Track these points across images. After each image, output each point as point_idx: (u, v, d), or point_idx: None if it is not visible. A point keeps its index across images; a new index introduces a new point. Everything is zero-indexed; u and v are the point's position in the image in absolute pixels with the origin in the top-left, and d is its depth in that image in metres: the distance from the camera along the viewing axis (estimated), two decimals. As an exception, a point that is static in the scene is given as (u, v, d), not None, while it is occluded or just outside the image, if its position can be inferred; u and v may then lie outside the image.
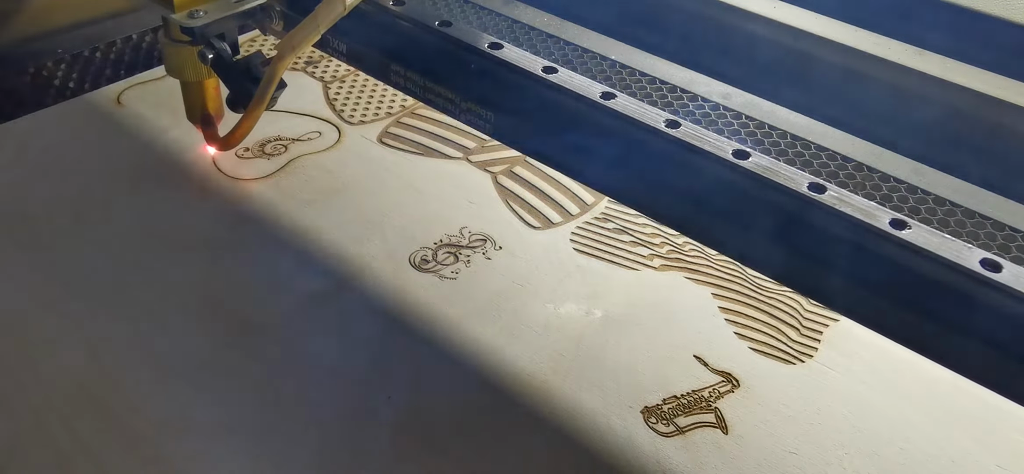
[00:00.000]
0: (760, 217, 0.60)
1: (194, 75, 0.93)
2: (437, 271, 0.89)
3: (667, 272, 0.90)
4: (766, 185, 0.60)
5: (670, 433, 0.74)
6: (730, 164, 0.61)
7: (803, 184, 0.59)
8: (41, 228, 0.92)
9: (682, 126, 0.64)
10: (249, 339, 0.80)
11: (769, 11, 0.78)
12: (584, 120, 0.68)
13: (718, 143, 0.62)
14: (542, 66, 0.71)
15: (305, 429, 0.73)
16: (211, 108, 0.96)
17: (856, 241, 0.56)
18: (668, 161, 0.64)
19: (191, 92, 0.96)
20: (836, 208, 0.57)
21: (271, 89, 0.84)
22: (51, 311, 0.83)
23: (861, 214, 0.56)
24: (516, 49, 0.73)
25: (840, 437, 0.74)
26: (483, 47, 0.73)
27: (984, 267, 0.52)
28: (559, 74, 0.70)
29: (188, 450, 0.71)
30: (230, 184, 0.99)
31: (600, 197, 0.98)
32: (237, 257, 0.89)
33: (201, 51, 0.89)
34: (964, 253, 0.53)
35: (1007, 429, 0.75)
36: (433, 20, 0.77)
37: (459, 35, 0.75)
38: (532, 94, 0.71)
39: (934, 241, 0.54)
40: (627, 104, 0.66)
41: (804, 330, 0.83)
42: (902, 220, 0.56)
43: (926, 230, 0.55)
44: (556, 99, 0.69)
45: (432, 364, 0.79)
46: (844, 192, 0.58)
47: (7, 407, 0.74)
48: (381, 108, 1.12)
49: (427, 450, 0.72)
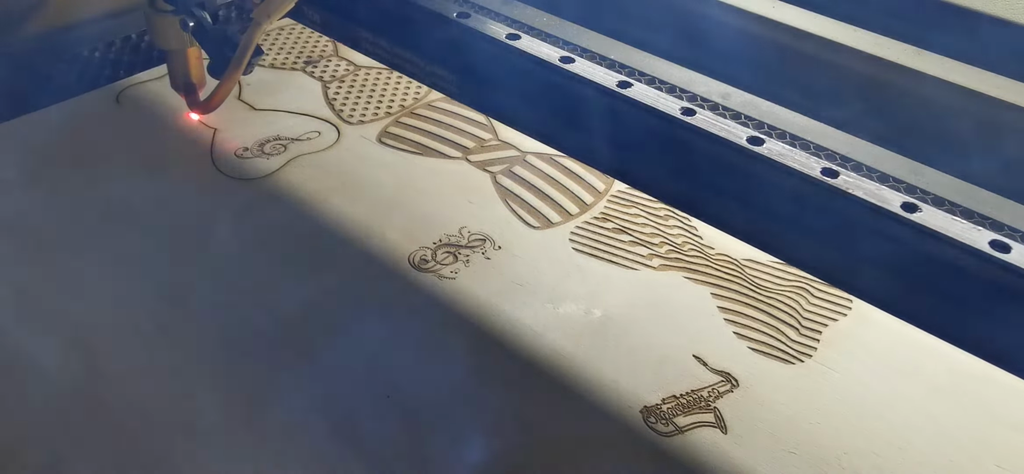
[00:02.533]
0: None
1: (177, 43, 0.98)
2: (436, 271, 0.89)
3: (666, 272, 0.90)
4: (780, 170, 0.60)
5: (669, 433, 0.74)
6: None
7: (817, 168, 0.59)
8: (41, 228, 0.92)
9: (633, 86, 0.66)
10: (249, 339, 0.80)
11: (768, 11, 0.78)
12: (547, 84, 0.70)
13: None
14: (506, 33, 0.72)
15: (305, 428, 0.73)
16: (194, 76, 1.02)
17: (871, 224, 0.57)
18: (620, 118, 0.65)
19: (174, 60, 1.01)
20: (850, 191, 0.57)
21: (246, 56, 0.89)
22: (50, 311, 0.83)
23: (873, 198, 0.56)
24: (482, 17, 0.75)
25: (839, 436, 0.74)
26: (451, 16, 0.75)
27: (994, 247, 0.52)
28: (521, 41, 0.72)
29: (188, 450, 0.71)
30: (230, 184, 0.99)
31: (600, 197, 0.98)
32: (236, 256, 0.89)
33: (183, 19, 0.94)
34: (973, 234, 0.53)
35: (1006, 429, 0.75)
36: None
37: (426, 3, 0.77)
38: (498, 59, 0.72)
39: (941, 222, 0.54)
40: (584, 67, 0.67)
41: (803, 330, 0.83)
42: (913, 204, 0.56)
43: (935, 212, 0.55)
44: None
45: (431, 364, 0.79)
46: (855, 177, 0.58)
47: (6, 407, 0.74)
48: (380, 108, 1.12)
49: (426, 449, 0.72)
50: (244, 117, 1.09)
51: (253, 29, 0.86)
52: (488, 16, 0.77)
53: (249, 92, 1.14)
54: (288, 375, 0.77)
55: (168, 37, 0.97)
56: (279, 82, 1.16)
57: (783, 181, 0.60)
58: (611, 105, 0.66)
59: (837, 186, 0.57)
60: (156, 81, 1.14)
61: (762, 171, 0.61)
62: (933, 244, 0.54)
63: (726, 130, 0.63)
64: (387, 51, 0.82)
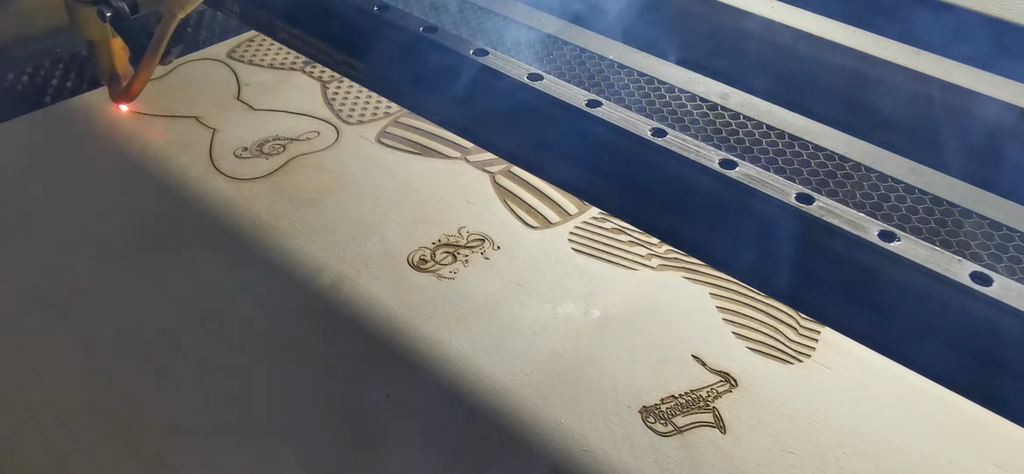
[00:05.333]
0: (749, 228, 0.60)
1: (98, 34, 1.01)
2: (435, 271, 0.89)
3: (665, 272, 0.90)
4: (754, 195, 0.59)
5: (668, 433, 0.74)
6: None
7: (791, 194, 0.58)
8: (41, 228, 0.92)
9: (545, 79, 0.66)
10: (248, 338, 0.80)
11: (767, 11, 0.78)
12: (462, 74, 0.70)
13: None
14: (422, 26, 0.73)
15: (304, 428, 0.73)
16: (119, 67, 1.05)
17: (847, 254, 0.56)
18: (532, 114, 0.66)
19: (98, 51, 1.04)
20: (825, 219, 0.56)
21: (162, 45, 0.92)
22: (50, 311, 0.83)
23: (850, 226, 0.56)
24: (400, 9, 0.75)
25: (838, 437, 0.74)
26: (371, 9, 0.76)
27: (974, 280, 0.52)
28: (437, 33, 0.72)
29: (188, 450, 0.71)
30: (229, 184, 0.99)
31: (598, 197, 0.99)
32: (236, 256, 0.89)
33: (99, 9, 0.97)
34: (954, 266, 0.53)
35: (1004, 429, 0.75)
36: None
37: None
38: (411, 51, 0.73)
39: (923, 254, 0.54)
40: (496, 61, 0.68)
41: (802, 330, 0.83)
42: (891, 232, 0.55)
43: (915, 242, 0.55)
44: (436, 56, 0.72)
45: (430, 363, 0.79)
46: (832, 202, 0.58)
47: (6, 407, 0.74)
48: (379, 108, 1.12)
49: (425, 448, 0.72)
50: (243, 117, 1.09)
51: (167, 20, 0.90)
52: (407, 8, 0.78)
53: (248, 92, 1.14)
54: (287, 374, 0.77)
55: (89, 28, 1.00)
56: (278, 82, 1.16)
57: (760, 206, 0.59)
58: (524, 100, 0.67)
59: (811, 213, 0.57)
60: (154, 81, 1.14)
61: (735, 194, 0.60)
62: (912, 275, 0.53)
63: (696, 151, 0.62)
64: (302, 40, 0.83)
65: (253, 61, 1.20)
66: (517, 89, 0.66)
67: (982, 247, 0.56)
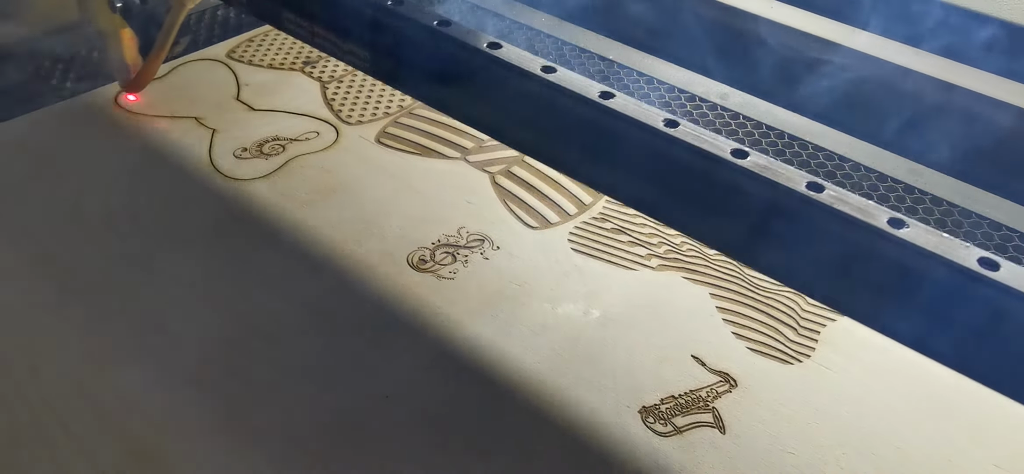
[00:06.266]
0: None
1: (110, 24, 1.03)
2: (435, 271, 0.89)
3: (665, 272, 0.90)
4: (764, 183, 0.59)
5: (668, 433, 0.74)
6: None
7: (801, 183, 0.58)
8: (40, 228, 0.92)
9: (558, 71, 0.65)
10: (248, 339, 0.80)
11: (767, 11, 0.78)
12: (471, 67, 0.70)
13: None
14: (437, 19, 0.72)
15: (304, 428, 0.73)
16: (128, 58, 1.06)
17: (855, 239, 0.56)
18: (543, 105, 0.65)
19: (109, 42, 1.05)
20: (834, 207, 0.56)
21: (170, 36, 0.95)
22: (50, 311, 0.83)
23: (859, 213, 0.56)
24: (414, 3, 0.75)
25: (838, 436, 0.74)
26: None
27: (982, 265, 0.52)
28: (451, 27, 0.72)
29: (187, 450, 0.71)
30: (229, 184, 0.99)
31: (598, 197, 0.98)
32: (236, 257, 0.89)
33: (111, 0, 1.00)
34: (961, 252, 0.53)
35: (1004, 429, 0.75)
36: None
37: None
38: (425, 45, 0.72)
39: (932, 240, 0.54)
40: (510, 52, 0.67)
41: (802, 330, 0.83)
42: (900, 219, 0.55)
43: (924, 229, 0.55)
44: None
45: (430, 364, 0.79)
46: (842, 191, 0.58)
47: (5, 407, 0.74)
48: (379, 108, 1.12)
49: (425, 449, 0.72)
50: (243, 117, 1.09)
51: (176, 10, 0.92)
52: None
53: (248, 92, 1.14)
54: (287, 375, 0.77)
55: (100, 17, 1.03)
56: (278, 82, 1.16)
57: (768, 193, 0.59)
58: (538, 91, 0.66)
59: (822, 200, 0.57)
60: (154, 82, 1.14)
61: (745, 182, 0.60)
62: (921, 260, 0.53)
63: (708, 141, 0.62)
64: (308, 30, 0.84)
65: (253, 61, 1.20)
66: (532, 82, 0.66)
67: (982, 247, 0.56)
